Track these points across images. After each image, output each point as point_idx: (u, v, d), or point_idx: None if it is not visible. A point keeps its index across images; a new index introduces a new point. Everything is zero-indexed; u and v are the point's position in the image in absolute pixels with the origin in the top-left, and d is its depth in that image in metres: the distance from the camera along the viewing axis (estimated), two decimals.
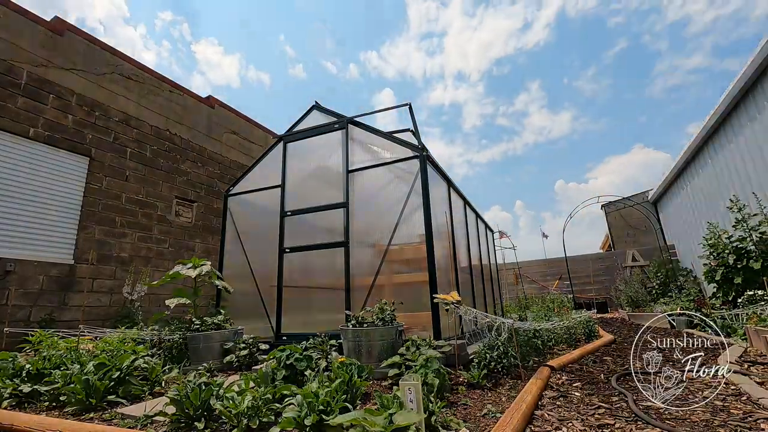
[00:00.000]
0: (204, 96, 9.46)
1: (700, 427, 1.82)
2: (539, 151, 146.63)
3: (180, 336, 4.03)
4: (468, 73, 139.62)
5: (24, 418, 2.11)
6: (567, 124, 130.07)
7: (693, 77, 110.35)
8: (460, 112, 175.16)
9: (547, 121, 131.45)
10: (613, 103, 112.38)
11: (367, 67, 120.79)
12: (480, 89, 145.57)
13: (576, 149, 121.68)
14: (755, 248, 5.43)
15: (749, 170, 6.98)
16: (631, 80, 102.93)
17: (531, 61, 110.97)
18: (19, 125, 5.96)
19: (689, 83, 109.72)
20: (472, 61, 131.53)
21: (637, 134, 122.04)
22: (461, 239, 5.76)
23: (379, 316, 3.35)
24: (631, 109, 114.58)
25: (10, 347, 4.60)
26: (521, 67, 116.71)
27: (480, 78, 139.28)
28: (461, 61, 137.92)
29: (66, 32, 6.82)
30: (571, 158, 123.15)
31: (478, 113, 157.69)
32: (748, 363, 3.06)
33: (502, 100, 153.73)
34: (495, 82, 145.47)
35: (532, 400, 2.17)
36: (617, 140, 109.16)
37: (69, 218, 6.44)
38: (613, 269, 12.62)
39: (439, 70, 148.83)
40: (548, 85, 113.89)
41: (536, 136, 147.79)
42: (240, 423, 1.96)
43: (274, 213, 5.07)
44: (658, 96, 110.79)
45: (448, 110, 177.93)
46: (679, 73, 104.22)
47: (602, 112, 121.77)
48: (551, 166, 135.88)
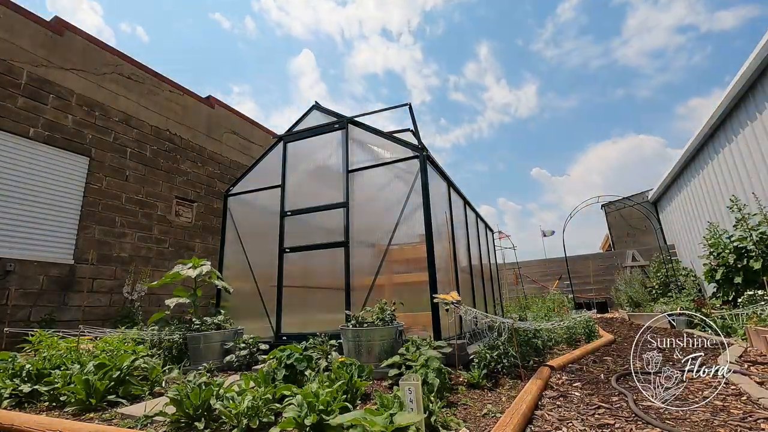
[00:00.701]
0: (204, 96, 9.47)
1: (700, 427, 1.82)
2: (510, 135, 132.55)
3: (180, 336, 4.02)
4: (394, 31, 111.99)
5: (24, 418, 2.11)
6: (533, 99, 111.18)
7: (677, 38, 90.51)
8: (401, 84, 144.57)
9: (510, 97, 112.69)
10: (581, 74, 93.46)
11: (267, 22, 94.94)
12: (417, 55, 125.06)
13: (551, 132, 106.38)
14: (755, 248, 5.43)
15: (749, 170, 6.98)
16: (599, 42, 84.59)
17: (469, 17, 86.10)
18: (19, 125, 5.95)
19: (673, 46, 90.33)
20: (396, 15, 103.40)
21: (617, 113, 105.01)
22: (461, 239, 5.76)
23: (379, 316, 3.35)
24: (604, 81, 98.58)
25: (10, 347, 4.59)
26: (459, 25, 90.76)
27: (414, 40, 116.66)
28: (380, 11, 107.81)
29: (66, 32, 6.82)
30: (547, 143, 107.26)
31: (424, 86, 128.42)
32: (748, 363, 3.06)
33: (449, 69, 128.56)
34: (433, 46, 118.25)
35: (532, 400, 2.17)
36: (594, 119, 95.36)
37: (69, 218, 6.43)
38: (613, 269, 12.62)
39: (358, 28, 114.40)
40: (500, 51, 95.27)
41: (502, 116, 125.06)
42: (240, 423, 1.96)
43: (274, 213, 5.07)
44: (635, 63, 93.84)
45: (386, 80, 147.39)
46: (658, 32, 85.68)
47: (570, 84, 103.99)
48: (527, 152, 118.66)
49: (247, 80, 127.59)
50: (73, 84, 6.75)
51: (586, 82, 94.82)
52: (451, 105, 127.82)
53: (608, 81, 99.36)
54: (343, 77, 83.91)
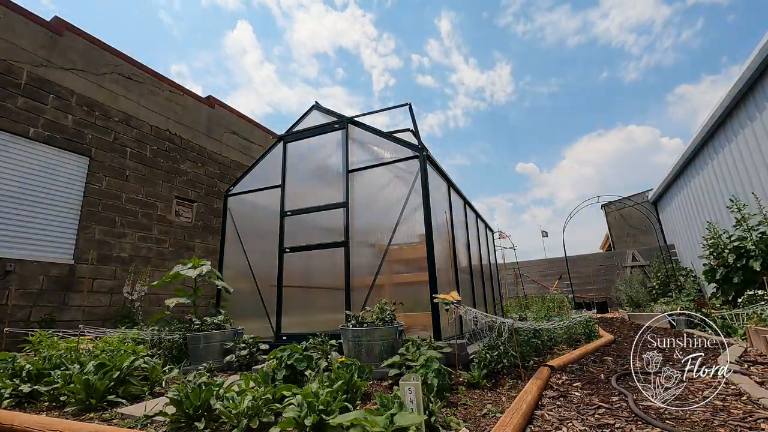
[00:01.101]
0: (204, 96, 9.47)
1: (700, 427, 1.82)
2: (490, 125, 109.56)
3: (180, 336, 4.03)
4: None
5: (24, 418, 2.11)
6: (509, 83, 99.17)
7: (664, 9, 75.92)
8: (358, 65, 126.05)
9: (483, 79, 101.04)
10: (559, 55, 76.69)
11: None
12: (370, 29, 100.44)
13: (535, 123, 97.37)
14: (755, 248, 5.42)
15: (749, 170, 6.98)
16: (575, 12, 67.42)
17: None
18: (19, 125, 5.95)
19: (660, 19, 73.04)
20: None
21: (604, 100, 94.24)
22: (461, 239, 5.76)
23: (379, 316, 3.35)
24: (585, 62, 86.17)
25: (10, 347, 4.60)
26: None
27: (362, 12, 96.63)
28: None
29: (66, 32, 6.82)
30: (533, 134, 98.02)
31: (384, 67, 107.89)
32: (748, 363, 3.06)
33: (409, 47, 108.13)
34: (386, 18, 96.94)
35: (532, 400, 2.17)
36: (580, 107, 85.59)
37: (69, 218, 6.44)
38: (613, 269, 12.62)
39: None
40: (463, 25, 78.56)
41: (477, 102, 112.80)
42: (240, 423, 1.96)
43: (274, 213, 5.07)
44: (618, 39, 79.41)
45: (339, 60, 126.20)
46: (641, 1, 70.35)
47: (548, 66, 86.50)
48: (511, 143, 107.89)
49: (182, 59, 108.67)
50: (73, 84, 6.75)
51: (565, 63, 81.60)
52: (419, 89, 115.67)
53: (590, 62, 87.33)
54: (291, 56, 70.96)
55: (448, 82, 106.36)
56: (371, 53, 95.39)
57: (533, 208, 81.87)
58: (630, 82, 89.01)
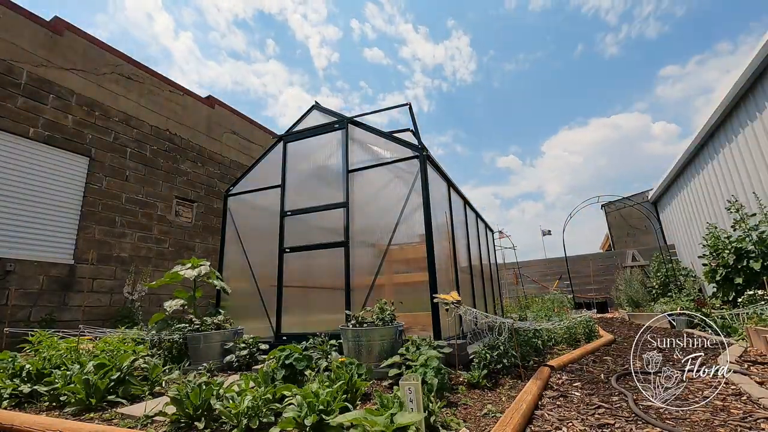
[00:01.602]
0: (204, 97, 9.46)
1: (700, 427, 1.82)
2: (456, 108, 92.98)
3: (180, 336, 4.02)
4: None
5: (24, 418, 2.11)
6: (470, 59, 79.69)
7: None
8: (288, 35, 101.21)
9: (440, 53, 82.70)
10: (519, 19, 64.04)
11: None
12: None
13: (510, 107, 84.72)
14: (755, 248, 5.43)
15: (749, 170, 6.99)
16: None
17: None
18: (19, 125, 5.95)
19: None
20: None
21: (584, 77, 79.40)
22: (461, 239, 5.76)
23: (379, 316, 3.35)
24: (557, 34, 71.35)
25: (10, 347, 4.59)
26: None
27: None
28: None
29: (66, 32, 6.82)
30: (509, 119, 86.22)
31: (322, 38, 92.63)
32: (748, 363, 3.06)
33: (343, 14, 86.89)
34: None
35: (532, 400, 2.17)
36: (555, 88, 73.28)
37: (69, 218, 6.43)
38: (613, 269, 12.62)
39: None
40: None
41: (438, 81, 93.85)
42: (240, 423, 1.96)
43: (274, 213, 5.07)
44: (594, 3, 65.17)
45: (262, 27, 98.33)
46: None
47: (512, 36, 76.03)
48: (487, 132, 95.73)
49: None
50: (73, 84, 6.75)
51: (532, 34, 69.67)
52: (369, 67, 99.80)
53: (563, 35, 72.97)
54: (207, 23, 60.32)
55: (399, 56, 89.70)
56: (300, 20, 78.81)
57: (522, 202, 76.37)
58: (611, 56, 74.28)
